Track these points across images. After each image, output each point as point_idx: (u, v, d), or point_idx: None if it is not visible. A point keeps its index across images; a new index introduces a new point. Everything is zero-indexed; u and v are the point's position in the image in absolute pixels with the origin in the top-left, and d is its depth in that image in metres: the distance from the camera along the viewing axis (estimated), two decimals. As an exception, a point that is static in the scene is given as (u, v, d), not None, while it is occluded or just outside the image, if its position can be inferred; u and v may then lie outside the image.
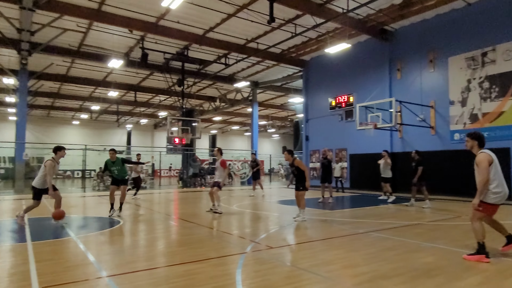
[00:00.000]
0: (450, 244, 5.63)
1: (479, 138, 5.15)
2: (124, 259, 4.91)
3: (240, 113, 36.75)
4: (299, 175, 8.00)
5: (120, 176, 9.12)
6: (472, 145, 5.24)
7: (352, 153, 17.80)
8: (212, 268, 4.43)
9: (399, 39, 15.78)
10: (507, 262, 4.57)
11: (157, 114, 36.30)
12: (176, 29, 15.80)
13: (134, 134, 41.57)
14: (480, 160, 4.92)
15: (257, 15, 14.01)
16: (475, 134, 5.22)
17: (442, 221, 8.04)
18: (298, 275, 4.21)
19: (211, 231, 7.07)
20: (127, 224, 7.86)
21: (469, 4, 12.98)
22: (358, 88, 17.45)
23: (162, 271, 4.39)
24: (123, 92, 27.48)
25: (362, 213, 9.56)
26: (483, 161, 4.88)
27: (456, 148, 13.45)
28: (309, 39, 17.52)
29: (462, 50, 13.49)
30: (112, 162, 8.96)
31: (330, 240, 6.07)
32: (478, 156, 5.01)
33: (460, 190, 12.99)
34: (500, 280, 3.89)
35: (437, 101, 14.30)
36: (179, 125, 20.65)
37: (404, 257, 4.88)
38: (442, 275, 4.06)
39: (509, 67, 12.19)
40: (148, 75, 23.16)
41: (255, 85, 25.01)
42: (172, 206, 11.79)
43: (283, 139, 51.06)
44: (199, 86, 25.95)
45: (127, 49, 18.61)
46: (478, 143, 5.15)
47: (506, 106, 12.26)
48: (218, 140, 42.75)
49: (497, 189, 4.85)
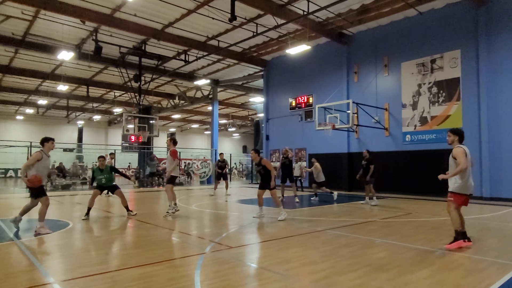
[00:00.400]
0: (401, 240, 5.92)
1: (459, 134, 5.62)
2: (74, 263, 4.61)
3: (200, 112, 36.25)
4: (265, 175, 8.02)
5: (108, 184, 8.73)
6: (453, 140, 5.64)
7: (311, 152, 18.21)
8: (170, 270, 4.29)
9: (357, 43, 16.41)
10: (452, 256, 4.88)
11: (112, 110, 34.77)
12: (133, 22, 15.20)
13: (86, 131, 39.48)
14: (458, 152, 5.37)
15: (219, 12, 13.87)
16: (456, 130, 5.69)
17: (394, 218, 8.45)
18: (257, 274, 4.20)
19: (169, 232, 6.86)
20: (77, 226, 7.42)
21: (420, 13, 13.79)
22: (318, 89, 17.91)
23: (116, 274, 4.17)
24: (74, 86, 25.98)
25: (320, 211, 9.80)
26: (461, 153, 5.35)
27: (408, 149, 14.25)
28: (270, 39, 17.67)
29: (413, 56, 14.31)
30: (100, 170, 8.62)
31: (289, 238, 6.13)
32: (456, 149, 5.43)
33: (411, 188, 13.78)
34: (446, 272, 4.15)
35: (391, 104, 15.05)
36: (135, 123, 19.94)
37: (358, 253, 5.05)
38: (394, 270, 4.25)
39: (455, 74, 13.12)
40: (102, 69, 22.08)
41: (215, 83, 24.79)
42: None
43: (244, 138, 51.15)
44: (157, 82, 25.20)
45: (78, 41, 17.60)
46: (458, 138, 5.61)
47: (452, 110, 13.18)
48: (177, 138, 41.67)
49: (469, 180, 5.43)
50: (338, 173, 16.79)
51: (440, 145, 13.35)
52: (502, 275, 4.03)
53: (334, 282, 3.84)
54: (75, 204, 11.53)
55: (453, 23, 13.22)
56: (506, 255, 4.93)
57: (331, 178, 17.14)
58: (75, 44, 17.85)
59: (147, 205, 11.55)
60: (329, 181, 17.15)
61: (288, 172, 12.29)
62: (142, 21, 15.22)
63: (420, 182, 13.58)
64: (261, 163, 8.01)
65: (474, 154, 12.48)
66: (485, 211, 9.48)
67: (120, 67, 20.11)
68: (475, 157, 12.43)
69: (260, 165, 8.03)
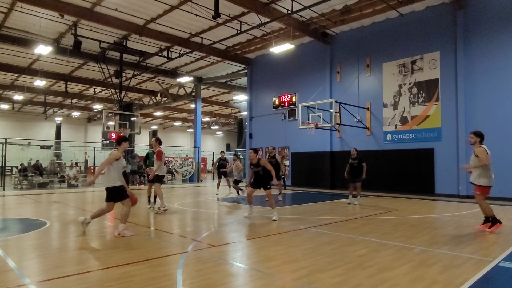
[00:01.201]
0: (381, 237, 6.02)
1: (481, 136, 6.50)
2: (51, 264, 4.48)
3: (182, 109, 35.89)
4: (264, 175, 7.87)
5: None
6: (475, 141, 6.50)
7: (294, 151, 18.34)
8: (150, 269, 4.22)
9: (339, 43, 16.59)
10: (430, 253, 5.00)
11: (92, 107, 33.96)
12: (114, 17, 14.88)
13: (64, 128, 38.38)
14: (481, 151, 6.31)
15: (202, 9, 13.74)
16: (479, 132, 6.56)
17: (375, 216, 8.60)
18: (239, 272, 4.19)
19: (150, 230, 6.76)
20: (54, 225, 7.21)
21: (401, 15, 14.06)
22: (301, 88, 18.03)
23: (95, 275, 4.07)
24: (51, 82, 25.23)
25: (302, 209, 9.87)
26: (483, 152, 6.28)
27: (389, 148, 14.53)
28: (254, 37, 17.65)
29: (394, 57, 14.59)
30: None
31: (271, 236, 6.15)
32: (479, 149, 6.35)
33: (391, 187, 14.06)
34: (424, 268, 4.25)
35: (372, 104, 15.30)
36: (116, 119, 19.52)
37: (340, 250, 5.11)
38: (374, 266, 4.31)
39: (434, 75, 13.46)
40: (82, 64, 21.53)
41: (198, 80, 24.59)
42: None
43: (227, 136, 50.99)
44: (139, 79, 24.79)
45: (57, 35, 17.09)
46: (480, 139, 6.48)
47: (431, 110, 13.52)
48: (159, 136, 41.24)
49: (492, 175, 6.37)
50: (320, 171, 16.98)
51: (419, 145, 13.69)
52: (477, 270, 4.16)
53: (316, 279, 3.87)
54: (52, 203, 11.20)
55: (433, 26, 13.54)
56: (481, 251, 5.09)
57: (313, 176, 17.36)
58: (53, 38, 17.33)
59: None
60: (312, 179, 17.41)
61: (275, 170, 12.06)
62: (123, 16, 14.92)
63: (400, 181, 13.89)
64: (260, 163, 7.87)
65: (451, 153, 12.91)
66: (462, 209, 9.77)
67: (101, 62, 19.64)
68: (453, 156, 12.81)
69: (259, 166, 7.88)
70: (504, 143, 11.48)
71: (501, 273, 4.23)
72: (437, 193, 13.13)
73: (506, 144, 11.48)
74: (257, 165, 7.90)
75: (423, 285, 3.69)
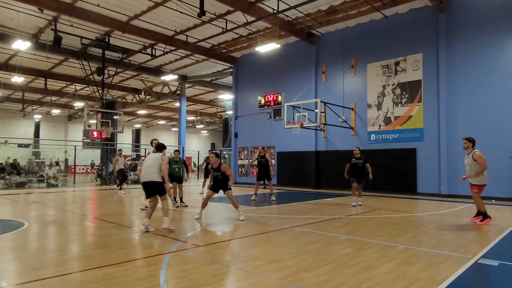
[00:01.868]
0: (365, 236, 6.09)
1: (473, 141, 7.34)
2: (30, 266, 4.33)
3: (167, 108, 35.48)
4: (223, 180, 7.74)
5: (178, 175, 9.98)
6: (468, 146, 7.31)
7: (279, 150, 18.38)
8: (134, 270, 4.14)
9: (325, 43, 16.72)
10: (412, 251, 5.08)
11: (72, 104, 33.17)
12: (96, 12, 14.54)
13: (44, 126, 37.34)
14: (479, 155, 7.10)
15: (187, 6, 13.59)
16: (471, 138, 7.35)
17: (359, 215, 8.70)
18: (225, 272, 4.15)
19: (133, 231, 6.63)
20: (33, 226, 6.99)
21: (385, 17, 14.27)
22: (286, 87, 18.08)
23: (77, 276, 3.96)
24: (30, 78, 24.47)
25: (287, 209, 9.89)
26: (481, 156, 7.09)
27: (372, 148, 14.72)
28: (240, 36, 17.59)
29: (378, 58, 14.79)
30: (175, 161, 9.85)
31: (257, 236, 6.13)
32: (477, 153, 7.14)
33: (375, 186, 14.24)
34: (407, 266, 4.31)
35: (357, 104, 15.48)
36: (98, 118, 19.12)
37: (325, 249, 5.14)
38: (358, 265, 4.36)
39: (417, 76, 13.72)
40: (62, 61, 20.96)
41: (183, 79, 24.35)
42: (89, 205, 10.84)
43: (212, 135, 50.72)
44: (121, 76, 24.35)
45: (36, 30, 16.59)
46: (472, 144, 7.30)
47: (414, 111, 13.78)
48: (143, 135, 40.71)
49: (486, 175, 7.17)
50: (305, 171, 17.08)
51: (402, 145, 13.93)
52: (458, 268, 4.26)
53: (301, 278, 3.87)
54: (30, 203, 10.87)
55: (416, 28, 13.81)
56: (462, 249, 5.21)
57: (298, 176, 17.45)
58: (32, 33, 16.81)
59: (110, 204, 11.11)
60: (297, 178, 17.50)
61: (266, 170, 11.82)
62: (106, 12, 14.60)
63: (384, 180, 14.10)
64: (220, 169, 7.71)
65: (433, 153, 13.20)
66: (443, 208, 10.00)
67: (82, 59, 19.19)
68: (435, 156, 13.10)
69: (219, 170, 7.72)
70: (483, 143, 11.76)
71: (480, 269, 4.34)
72: (419, 192, 13.40)
73: (485, 144, 11.78)
74: (217, 169, 7.74)
75: (405, 282, 3.75)
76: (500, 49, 11.96)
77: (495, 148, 11.66)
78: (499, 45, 11.98)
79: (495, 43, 12.06)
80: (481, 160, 7.02)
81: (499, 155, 11.60)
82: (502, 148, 11.63)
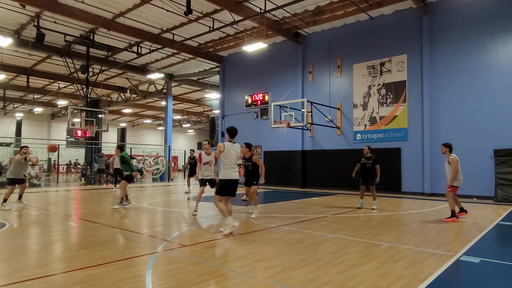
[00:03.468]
0: (350, 234, 6.17)
1: (450, 146, 7.75)
2: (11, 267, 4.23)
3: (153, 106, 35.09)
4: (253, 171, 7.98)
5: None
6: (445, 151, 7.72)
7: (266, 150, 18.41)
8: (119, 271, 4.08)
9: (311, 43, 16.82)
10: (396, 249, 5.17)
11: (56, 102, 32.42)
12: (80, 9, 14.25)
13: (26, 124, 36.43)
14: (453, 159, 7.54)
15: (174, 4, 13.47)
16: (448, 144, 7.80)
17: (344, 214, 8.80)
18: (211, 272, 4.14)
19: (118, 231, 6.54)
20: (14, 227, 6.82)
21: (371, 18, 14.45)
22: (273, 87, 18.12)
23: (59, 278, 3.88)
24: (11, 75, 23.85)
25: (274, 208, 9.92)
26: (454, 160, 7.51)
27: (358, 147, 14.87)
28: (227, 35, 17.53)
29: (364, 59, 14.97)
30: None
31: (243, 235, 6.13)
32: (451, 157, 7.56)
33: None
34: (391, 264, 4.38)
35: (343, 104, 15.64)
36: (82, 116, 18.79)
37: (311, 248, 5.18)
38: (344, 263, 4.41)
39: (402, 77, 13.95)
40: (45, 58, 20.50)
41: (169, 77, 24.13)
42: (72, 205, 10.64)
43: (199, 134, 50.41)
44: (106, 74, 23.96)
45: (18, 26, 16.17)
46: (449, 149, 7.71)
47: (398, 111, 14.00)
48: (129, 134, 40.19)
49: (460, 177, 7.60)
50: (292, 170, 17.16)
51: (387, 144, 14.14)
52: (441, 265, 4.35)
53: (287, 277, 3.89)
54: (11, 203, 10.58)
55: (401, 29, 14.03)
56: (444, 246, 5.33)
57: (285, 175, 17.52)
58: (14, 30, 16.38)
59: (94, 203, 10.93)
60: (283, 178, 17.57)
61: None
62: (90, 8, 14.34)
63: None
64: (252, 159, 7.95)
65: (417, 152, 13.44)
66: (426, 206, 10.20)
67: (65, 56, 18.79)
68: (418, 156, 13.35)
69: (250, 160, 7.97)
70: (465, 143, 12.06)
71: (462, 267, 4.44)
72: (403, 191, 13.64)
73: (467, 144, 12.08)
74: (248, 159, 8.06)
75: (390, 280, 3.81)
76: (482, 51, 12.27)
77: (476, 148, 11.97)
78: (481, 47, 12.29)
79: (477, 45, 12.37)
80: (453, 164, 7.47)
81: (480, 155, 11.91)
82: (483, 148, 11.94)
